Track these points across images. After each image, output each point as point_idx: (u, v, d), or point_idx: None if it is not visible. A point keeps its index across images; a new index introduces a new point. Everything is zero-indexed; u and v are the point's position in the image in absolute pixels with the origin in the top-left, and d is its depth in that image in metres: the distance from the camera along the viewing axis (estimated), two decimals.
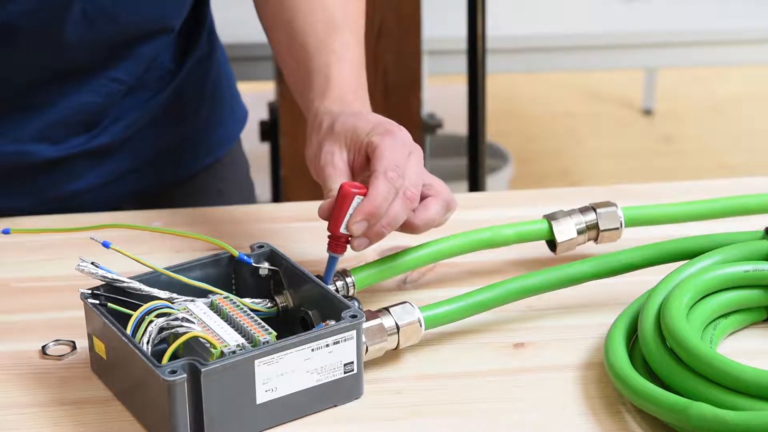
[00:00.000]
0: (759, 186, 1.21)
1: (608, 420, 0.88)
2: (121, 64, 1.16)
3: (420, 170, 0.98)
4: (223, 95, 1.31)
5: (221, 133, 1.32)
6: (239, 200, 1.33)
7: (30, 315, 1.01)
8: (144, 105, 1.21)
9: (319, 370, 0.87)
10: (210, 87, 1.28)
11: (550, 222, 1.07)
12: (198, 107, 1.27)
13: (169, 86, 1.22)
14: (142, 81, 1.19)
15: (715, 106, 3.94)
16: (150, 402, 0.85)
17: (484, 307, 0.97)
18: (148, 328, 0.87)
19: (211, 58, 1.28)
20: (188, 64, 1.23)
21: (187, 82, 1.24)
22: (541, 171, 3.51)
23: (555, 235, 1.06)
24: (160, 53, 1.20)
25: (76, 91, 1.15)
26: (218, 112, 1.30)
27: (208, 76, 1.27)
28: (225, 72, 1.32)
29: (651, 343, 0.90)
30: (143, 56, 1.18)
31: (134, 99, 1.19)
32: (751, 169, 3.45)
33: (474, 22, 1.97)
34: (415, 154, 0.99)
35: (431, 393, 0.91)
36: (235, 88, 1.35)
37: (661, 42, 2.63)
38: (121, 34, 1.15)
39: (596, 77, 4.04)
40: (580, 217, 1.07)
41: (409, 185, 0.96)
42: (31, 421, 0.88)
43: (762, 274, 0.96)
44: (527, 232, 1.06)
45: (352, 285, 0.98)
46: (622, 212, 1.08)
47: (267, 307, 0.94)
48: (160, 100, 1.22)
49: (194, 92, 1.25)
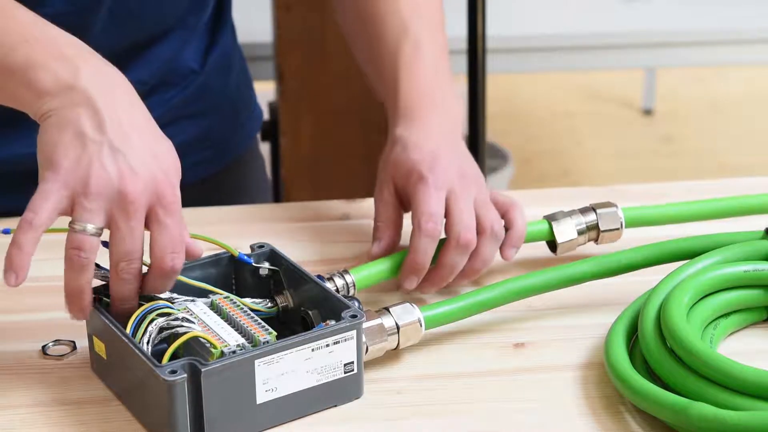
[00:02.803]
0: (759, 186, 1.21)
1: (608, 420, 0.88)
2: (144, 65, 1.16)
3: (469, 208, 1.01)
4: (243, 94, 1.31)
5: (242, 132, 1.32)
6: (259, 198, 1.34)
7: (30, 315, 1.01)
8: (167, 103, 1.20)
9: (320, 370, 0.87)
10: (232, 85, 1.28)
11: (551, 222, 1.07)
12: (220, 105, 1.27)
13: (192, 84, 1.22)
14: (165, 80, 1.19)
15: (715, 106, 3.94)
16: (150, 402, 0.85)
17: (484, 307, 0.97)
18: (149, 328, 0.87)
19: (233, 57, 1.28)
20: (210, 63, 1.23)
21: (210, 80, 1.24)
22: (541, 171, 3.51)
23: (555, 235, 1.07)
24: (182, 53, 1.20)
25: None
26: (239, 110, 1.31)
27: (230, 74, 1.28)
28: (244, 71, 1.32)
29: (651, 343, 0.90)
30: (165, 56, 1.18)
31: (157, 98, 1.19)
32: (751, 169, 3.45)
33: (474, 22, 1.97)
34: (460, 192, 1.01)
35: (431, 393, 0.91)
36: (252, 88, 1.35)
37: (661, 42, 2.63)
38: (145, 34, 1.15)
39: (596, 77, 4.04)
40: (581, 218, 1.07)
41: (461, 230, 1.00)
42: (31, 421, 0.88)
43: (762, 274, 0.96)
44: (527, 232, 1.06)
45: (353, 285, 0.98)
46: (623, 213, 1.08)
47: (267, 307, 0.94)
48: (183, 99, 1.22)
49: (217, 90, 1.25)
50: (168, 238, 0.87)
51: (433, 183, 1.01)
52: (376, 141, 2.08)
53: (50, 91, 0.88)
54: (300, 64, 2.18)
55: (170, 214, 0.87)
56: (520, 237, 1.05)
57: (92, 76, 0.89)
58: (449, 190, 1.01)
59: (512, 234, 1.04)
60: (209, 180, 1.28)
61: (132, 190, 0.85)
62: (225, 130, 1.29)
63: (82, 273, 0.86)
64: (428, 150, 1.03)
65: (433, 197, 1.00)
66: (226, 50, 1.27)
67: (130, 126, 0.88)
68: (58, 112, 0.87)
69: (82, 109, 0.87)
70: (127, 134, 0.87)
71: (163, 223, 0.87)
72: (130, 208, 0.85)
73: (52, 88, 0.88)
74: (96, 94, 0.88)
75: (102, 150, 0.86)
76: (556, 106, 3.95)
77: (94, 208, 0.85)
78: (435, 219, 0.99)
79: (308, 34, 2.16)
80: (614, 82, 4.02)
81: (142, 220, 0.86)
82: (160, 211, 0.87)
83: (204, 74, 1.23)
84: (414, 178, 1.02)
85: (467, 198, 1.02)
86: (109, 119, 0.87)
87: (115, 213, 0.86)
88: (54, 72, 0.89)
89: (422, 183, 1.01)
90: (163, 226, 0.87)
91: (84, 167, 0.85)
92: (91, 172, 0.85)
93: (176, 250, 0.87)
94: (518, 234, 1.04)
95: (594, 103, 3.97)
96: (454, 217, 1.00)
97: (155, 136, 0.90)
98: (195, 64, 1.22)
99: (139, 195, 0.85)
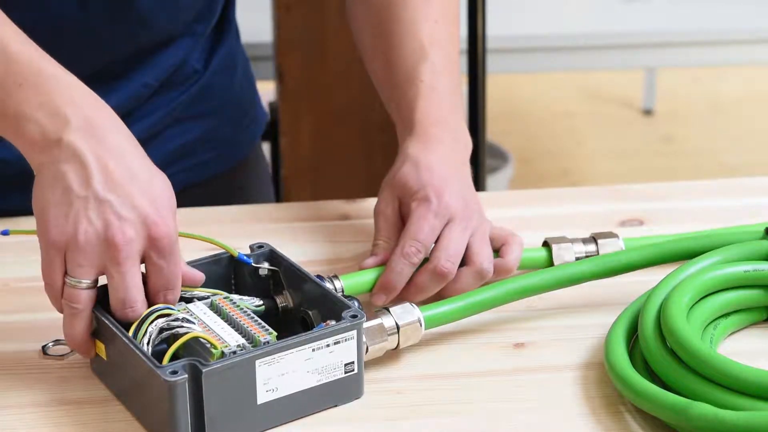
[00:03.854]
0: (759, 186, 1.21)
1: (608, 420, 0.88)
2: (150, 70, 1.16)
3: (461, 239, 1.00)
4: (247, 95, 1.31)
5: (246, 133, 1.32)
6: (262, 200, 1.34)
7: (30, 315, 1.01)
8: (169, 104, 1.20)
9: (320, 370, 0.87)
10: (236, 87, 1.28)
11: (550, 248, 1.06)
12: (225, 106, 1.27)
13: (196, 85, 1.22)
14: (169, 81, 1.19)
15: (715, 106, 3.94)
16: (150, 402, 0.85)
17: (484, 307, 0.97)
18: (149, 329, 0.87)
19: (237, 58, 1.28)
20: (214, 63, 1.23)
21: (214, 80, 1.24)
22: (541, 171, 3.51)
23: (555, 262, 1.05)
24: (188, 56, 1.20)
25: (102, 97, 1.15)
26: (244, 111, 1.31)
27: (234, 75, 1.28)
28: (248, 73, 1.32)
29: (651, 343, 0.90)
30: (172, 62, 1.18)
31: (160, 99, 1.19)
32: (751, 169, 3.45)
33: (474, 22, 1.97)
34: (459, 222, 1.00)
35: (431, 393, 0.91)
36: (256, 90, 1.35)
37: (661, 42, 2.63)
38: (152, 39, 1.15)
39: (596, 77, 4.04)
40: (581, 247, 1.06)
41: (443, 257, 0.99)
42: (31, 421, 0.88)
43: (762, 274, 0.96)
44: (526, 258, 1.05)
45: (341, 291, 0.98)
46: (624, 244, 1.07)
47: (255, 305, 0.93)
48: (186, 99, 1.21)
49: (221, 91, 1.25)
50: (162, 279, 0.89)
51: (434, 209, 1.00)
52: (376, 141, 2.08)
53: (38, 144, 0.89)
54: (300, 64, 2.18)
55: (164, 256, 0.88)
56: (508, 270, 1.03)
57: (80, 127, 0.89)
58: (450, 218, 1.01)
59: (500, 263, 1.02)
60: (213, 181, 1.28)
61: (120, 239, 0.86)
62: (229, 131, 1.29)
63: (78, 321, 0.89)
64: (439, 175, 1.02)
65: (429, 223, 1.00)
66: (231, 51, 1.27)
67: (119, 172, 0.88)
68: (48, 168, 0.89)
69: (69, 165, 0.88)
70: (114, 182, 0.88)
71: (157, 266, 0.88)
72: (119, 257, 0.86)
73: (39, 141, 0.89)
74: (83, 147, 0.88)
75: (88, 204, 0.87)
76: (556, 106, 3.95)
77: (84, 263, 0.87)
78: (419, 246, 0.99)
79: (308, 34, 2.16)
80: (614, 82, 4.02)
81: (136, 265, 0.87)
82: (153, 254, 0.88)
83: (208, 75, 1.23)
84: (418, 198, 1.01)
85: (464, 229, 1.01)
86: (95, 171, 0.88)
87: (106, 263, 0.87)
88: (42, 126, 0.89)
89: (424, 206, 1.00)
90: (157, 268, 0.88)
91: (71, 225, 0.87)
92: (78, 229, 0.86)
93: (170, 287, 0.89)
94: (506, 266, 1.02)
95: (594, 103, 3.97)
96: (441, 244, 0.99)
97: (149, 173, 0.90)
98: (199, 64, 1.22)
99: (128, 242, 0.86)
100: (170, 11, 1.15)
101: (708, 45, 2.64)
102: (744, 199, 1.20)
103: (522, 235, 1.07)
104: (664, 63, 2.96)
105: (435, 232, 1.00)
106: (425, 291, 1.00)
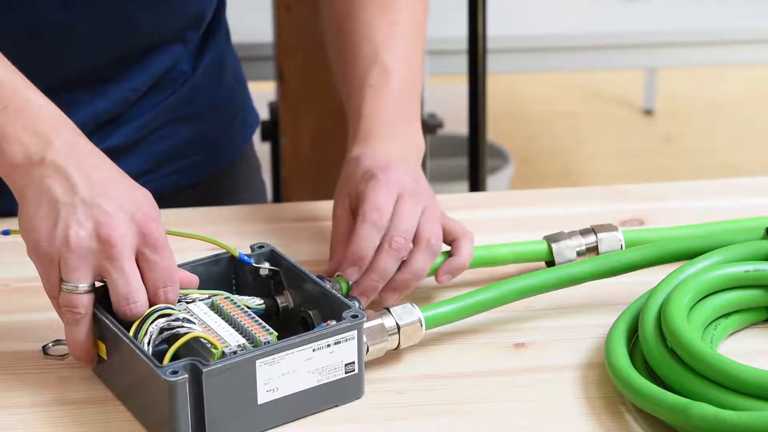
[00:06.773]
0: (759, 186, 1.21)
1: (608, 420, 0.88)
2: (138, 75, 1.16)
3: (413, 214, 0.98)
4: (236, 97, 1.31)
5: (236, 135, 1.32)
6: (252, 202, 1.34)
7: (30, 315, 1.01)
8: (157, 106, 1.20)
9: (321, 371, 0.87)
10: (225, 88, 1.28)
11: (550, 243, 1.06)
12: (212, 109, 1.26)
13: (184, 87, 1.22)
14: (157, 85, 1.19)
15: (715, 106, 3.94)
16: (151, 402, 0.85)
17: (484, 307, 0.97)
18: (149, 329, 0.87)
19: (226, 59, 1.28)
20: (203, 66, 1.23)
21: (202, 82, 1.24)
22: (541, 171, 3.51)
23: (555, 257, 1.05)
24: (177, 61, 1.20)
25: (89, 100, 1.15)
26: (233, 113, 1.30)
27: (222, 76, 1.27)
28: (238, 75, 1.32)
29: (651, 343, 0.90)
30: (160, 67, 1.18)
31: (148, 101, 1.19)
32: (751, 169, 3.45)
33: (474, 22, 1.97)
34: (409, 197, 0.99)
35: (431, 393, 0.91)
36: (247, 92, 1.35)
37: (661, 42, 2.63)
38: (142, 45, 1.15)
39: (596, 77, 4.04)
40: (581, 239, 1.06)
41: (395, 234, 0.97)
42: (31, 421, 0.88)
43: (762, 274, 0.96)
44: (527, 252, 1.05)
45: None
46: (623, 236, 1.07)
47: (256, 305, 0.93)
48: (174, 101, 1.21)
49: (208, 93, 1.25)
50: (158, 275, 0.89)
51: (384, 181, 0.99)
52: None
53: (21, 165, 0.90)
54: (300, 64, 2.18)
55: (157, 251, 0.88)
56: (461, 266, 1.01)
57: (62, 147, 0.90)
58: (399, 193, 0.99)
59: (453, 261, 1.01)
60: (202, 183, 1.28)
61: (113, 234, 0.87)
62: (219, 133, 1.28)
63: (79, 327, 0.89)
64: (382, 159, 1.01)
65: (383, 192, 0.98)
66: (219, 53, 1.26)
67: (103, 180, 0.89)
68: (31, 187, 0.89)
69: (53, 179, 0.89)
70: (99, 187, 0.89)
71: (151, 261, 0.88)
72: (114, 253, 0.86)
73: (21, 162, 0.90)
74: (65, 163, 0.89)
75: (76, 210, 0.87)
76: (557, 106, 3.95)
77: (79, 266, 0.87)
78: (381, 212, 0.97)
79: (308, 34, 2.15)
80: (614, 82, 4.02)
81: (132, 261, 0.88)
82: (146, 250, 0.88)
83: (196, 77, 1.23)
84: (366, 179, 1.00)
85: (414, 205, 0.99)
86: (79, 180, 0.88)
87: (102, 262, 0.87)
88: (25, 146, 0.90)
89: (374, 180, 0.99)
90: (151, 263, 0.88)
91: (61, 231, 0.87)
92: (69, 233, 0.87)
93: (168, 284, 0.89)
94: (459, 262, 1.01)
95: (594, 103, 3.97)
96: (393, 220, 0.98)
97: (130, 184, 0.91)
98: (187, 66, 1.22)
99: (121, 237, 0.87)
100: (161, 18, 1.14)
101: (708, 45, 2.64)
102: (744, 199, 1.20)
103: (522, 235, 1.08)
104: (664, 63, 2.96)
105: (391, 200, 0.98)
106: (386, 272, 0.97)
